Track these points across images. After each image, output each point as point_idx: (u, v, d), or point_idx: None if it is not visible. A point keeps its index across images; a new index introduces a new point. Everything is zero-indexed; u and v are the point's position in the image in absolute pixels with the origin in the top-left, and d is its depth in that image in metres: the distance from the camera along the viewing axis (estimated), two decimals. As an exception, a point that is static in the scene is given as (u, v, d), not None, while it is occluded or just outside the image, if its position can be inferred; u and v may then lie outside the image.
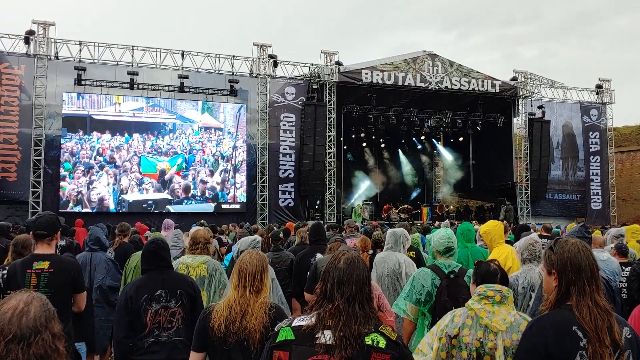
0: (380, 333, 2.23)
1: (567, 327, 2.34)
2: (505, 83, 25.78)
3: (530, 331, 2.44)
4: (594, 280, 2.42)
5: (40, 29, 20.04)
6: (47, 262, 4.23)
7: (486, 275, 3.08)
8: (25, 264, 4.22)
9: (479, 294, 3.02)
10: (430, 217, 27.33)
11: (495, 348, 2.85)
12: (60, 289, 4.24)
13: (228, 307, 3.02)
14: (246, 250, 3.33)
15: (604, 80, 28.75)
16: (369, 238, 7.60)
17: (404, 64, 23.92)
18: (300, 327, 2.27)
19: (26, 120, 19.53)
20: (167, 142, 21.57)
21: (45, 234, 4.33)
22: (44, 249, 4.33)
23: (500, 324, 2.88)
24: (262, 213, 22.16)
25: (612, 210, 28.10)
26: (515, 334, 2.85)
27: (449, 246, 4.31)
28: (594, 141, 28.37)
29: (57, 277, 4.23)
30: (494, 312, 2.92)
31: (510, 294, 3.02)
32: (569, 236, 4.32)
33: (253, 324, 2.96)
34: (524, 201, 26.48)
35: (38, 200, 19.30)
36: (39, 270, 4.18)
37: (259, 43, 22.81)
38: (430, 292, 4.06)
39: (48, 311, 1.71)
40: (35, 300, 1.70)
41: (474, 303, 3.00)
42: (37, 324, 1.65)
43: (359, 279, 2.31)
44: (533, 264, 4.41)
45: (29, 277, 4.15)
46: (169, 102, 21.52)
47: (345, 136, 27.70)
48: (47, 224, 4.37)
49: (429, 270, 4.19)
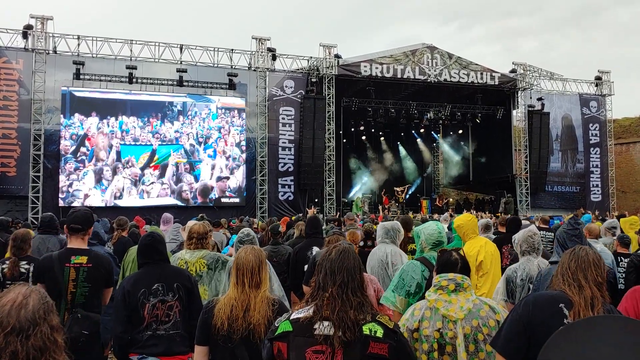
0: (378, 322, 2.28)
1: (553, 304, 2.44)
2: (504, 75, 25.75)
3: (518, 306, 2.56)
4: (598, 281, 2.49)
5: (39, 23, 19.99)
6: (85, 257, 4.31)
7: (445, 264, 3.09)
8: (63, 258, 4.28)
9: (434, 284, 3.05)
10: (430, 210, 27.38)
11: (456, 337, 2.87)
12: (97, 283, 4.35)
13: (229, 305, 3.04)
14: (242, 247, 3.34)
15: (604, 72, 28.72)
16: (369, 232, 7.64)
17: (403, 57, 23.88)
18: (298, 319, 2.33)
19: (25, 115, 19.52)
20: (176, 129, 21.46)
21: (80, 228, 4.39)
22: (78, 243, 4.39)
23: (458, 312, 2.89)
24: (262, 207, 22.18)
25: (612, 202, 28.12)
26: (476, 320, 2.88)
27: (438, 240, 4.32)
28: (593, 133, 28.37)
29: (94, 272, 4.32)
30: (451, 300, 2.94)
31: (466, 281, 3.02)
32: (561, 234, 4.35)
33: (257, 318, 2.99)
34: (523, 193, 26.50)
35: (38, 195, 19.32)
36: (77, 264, 4.26)
37: (258, 36, 22.77)
38: (420, 284, 4.09)
39: (47, 304, 1.73)
40: (34, 293, 1.72)
41: (430, 294, 3.03)
42: (36, 316, 1.66)
43: (349, 267, 2.38)
44: (532, 256, 4.43)
45: (67, 270, 4.22)
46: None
47: (345, 129, 27.72)
48: (82, 218, 4.44)
49: (419, 263, 4.21)
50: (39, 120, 19.58)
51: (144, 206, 20.41)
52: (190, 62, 21.87)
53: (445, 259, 3.12)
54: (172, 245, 6.82)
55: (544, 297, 2.50)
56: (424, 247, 4.42)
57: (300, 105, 22.90)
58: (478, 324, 2.87)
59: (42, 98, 19.65)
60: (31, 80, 19.58)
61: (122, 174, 20.47)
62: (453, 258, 3.10)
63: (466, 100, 27.15)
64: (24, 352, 1.61)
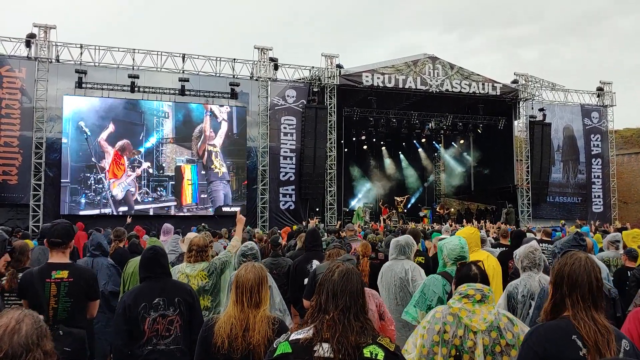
0: (379, 344, 2.23)
1: (566, 336, 2.36)
2: (506, 86, 25.78)
3: (530, 339, 2.47)
4: (591, 297, 2.42)
5: (42, 32, 20.07)
6: (66, 272, 4.22)
7: (465, 279, 3.09)
8: (43, 273, 4.19)
9: (460, 292, 3.03)
10: (431, 220, 27.33)
11: (475, 347, 2.85)
12: (79, 297, 4.26)
13: (229, 323, 3.01)
14: (244, 264, 3.31)
15: (605, 83, 28.76)
16: (373, 243, 7.61)
17: (404, 67, 23.92)
18: (297, 340, 2.28)
19: (27, 123, 19.54)
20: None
21: (60, 242, 4.32)
22: (59, 257, 4.32)
23: (480, 324, 2.89)
24: (263, 216, 22.15)
25: (614, 213, 28.07)
26: (494, 332, 2.87)
27: (460, 255, 4.32)
28: (595, 144, 28.36)
29: (76, 286, 4.23)
30: (474, 311, 2.93)
31: (491, 294, 3.02)
32: (563, 245, 4.32)
33: (257, 338, 2.96)
34: (524, 204, 26.46)
35: (39, 204, 19.31)
36: (58, 279, 4.18)
37: (260, 46, 22.83)
38: (441, 298, 4.09)
39: (40, 329, 1.70)
40: (27, 317, 1.69)
41: (454, 302, 3.01)
42: (29, 341, 1.64)
43: (352, 290, 2.33)
44: (533, 272, 4.40)
45: (48, 286, 4.14)
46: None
47: (346, 139, 27.73)
48: (62, 231, 4.36)
49: (440, 277, 4.22)
50: (40, 128, 19.60)
51: (144, 215, 20.40)
52: (193, 72, 21.91)
53: (464, 272, 3.12)
54: (172, 257, 6.79)
55: (554, 329, 2.43)
56: (446, 261, 4.42)
57: (302, 114, 22.92)
58: (497, 336, 2.86)
59: (44, 106, 19.67)
60: (33, 89, 19.62)
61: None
62: (472, 273, 3.10)
63: (468, 110, 27.15)
64: None
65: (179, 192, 21.08)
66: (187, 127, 21.45)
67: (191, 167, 21.33)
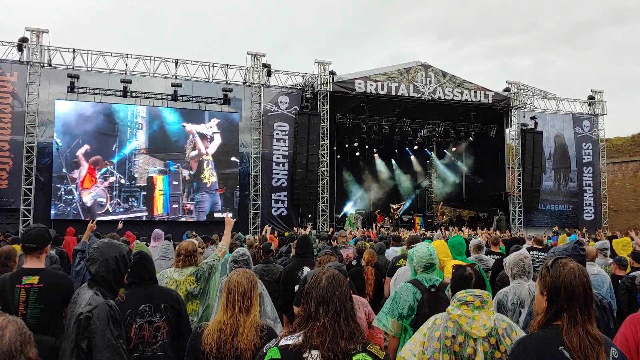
0: (368, 352, 2.23)
1: (553, 348, 2.34)
2: (498, 94, 25.92)
3: (516, 350, 2.44)
4: (587, 308, 2.41)
5: (34, 36, 20.02)
6: (37, 277, 4.10)
7: (461, 280, 3.09)
8: (14, 279, 4.10)
9: (459, 299, 3.01)
10: (423, 226, 27.34)
11: (475, 354, 2.85)
12: (49, 303, 4.12)
13: (218, 329, 3.00)
14: (235, 270, 3.30)
15: (596, 92, 28.99)
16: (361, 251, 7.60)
17: (397, 74, 24.01)
18: (287, 346, 2.27)
19: (18, 127, 19.46)
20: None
21: (34, 247, 4.21)
22: (33, 262, 4.21)
23: (480, 330, 2.88)
24: (255, 222, 22.11)
25: (605, 221, 28.24)
26: (494, 338, 2.87)
27: (429, 262, 4.31)
28: (586, 152, 28.54)
29: (47, 292, 4.10)
30: (474, 317, 2.92)
31: (490, 298, 3.02)
32: (563, 253, 4.32)
33: (244, 343, 2.94)
34: (516, 211, 26.56)
35: (29, 208, 19.20)
36: (28, 285, 4.06)
37: (253, 52, 22.86)
38: (412, 306, 4.07)
39: (23, 335, 1.68)
40: (10, 324, 1.67)
41: (453, 309, 3.00)
42: (12, 348, 1.62)
43: (341, 295, 2.33)
44: (522, 280, 4.41)
45: (17, 292, 4.04)
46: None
47: (339, 146, 27.75)
48: (36, 236, 4.25)
49: (411, 285, 4.20)
50: (32, 133, 19.52)
51: (134, 220, 20.31)
52: (185, 77, 21.91)
53: (459, 274, 3.12)
54: (163, 263, 6.75)
55: (542, 340, 2.40)
56: (416, 269, 4.41)
57: (295, 121, 22.94)
58: (496, 342, 2.86)
59: (36, 111, 19.60)
60: (25, 93, 19.56)
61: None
62: (467, 273, 3.10)
63: (460, 118, 27.27)
64: None
65: (150, 202, 20.81)
66: (161, 139, 21.23)
67: (163, 178, 21.15)
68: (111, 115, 20.65)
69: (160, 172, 21.10)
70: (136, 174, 20.73)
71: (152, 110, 21.15)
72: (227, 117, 22.28)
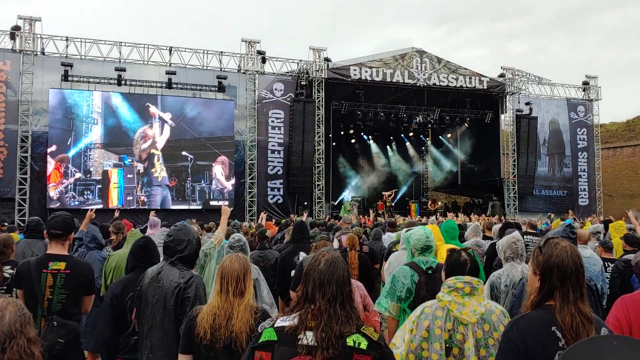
0: (362, 334, 2.25)
1: (546, 328, 2.36)
2: (493, 80, 25.91)
3: (510, 331, 2.45)
4: (578, 287, 2.42)
5: (26, 24, 19.86)
6: (64, 263, 4.19)
7: (455, 265, 3.10)
8: (40, 264, 4.16)
9: (449, 285, 3.03)
10: (418, 213, 27.41)
11: (464, 340, 2.87)
12: (75, 290, 4.22)
13: (212, 314, 3.02)
14: (227, 254, 3.33)
15: (591, 77, 28.99)
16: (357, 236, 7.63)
17: (392, 61, 23.96)
18: (282, 327, 2.29)
19: (12, 116, 19.38)
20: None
21: (60, 234, 4.29)
22: (58, 249, 4.29)
23: (470, 316, 2.89)
24: (251, 210, 22.14)
25: (599, 206, 28.37)
26: (487, 325, 2.88)
27: (426, 244, 4.34)
28: (581, 137, 28.61)
29: (73, 279, 4.20)
30: (464, 303, 2.94)
31: (481, 285, 3.03)
32: (555, 235, 4.36)
33: (239, 326, 2.97)
34: (511, 197, 26.67)
35: (25, 197, 19.18)
36: (55, 270, 4.14)
37: (247, 39, 22.75)
38: (409, 289, 4.11)
39: (23, 316, 1.70)
40: (10, 305, 1.69)
41: (444, 295, 3.01)
42: (12, 329, 1.64)
43: (339, 279, 2.33)
44: (515, 262, 4.45)
45: (44, 277, 4.11)
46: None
47: (334, 133, 27.74)
48: (62, 223, 4.33)
49: (408, 268, 4.23)
50: (26, 122, 19.44)
51: (133, 209, 20.33)
52: (180, 65, 21.81)
53: (454, 259, 3.13)
54: (160, 250, 6.77)
55: (535, 321, 2.40)
56: (413, 252, 4.44)
57: (290, 108, 22.90)
58: (489, 329, 2.87)
59: (30, 100, 19.51)
60: (19, 82, 19.44)
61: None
62: (462, 259, 3.11)
63: (455, 104, 27.26)
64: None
65: (105, 195, 20.58)
66: (117, 133, 20.95)
67: (118, 171, 20.91)
68: (68, 110, 20.23)
69: (115, 165, 20.87)
70: (91, 168, 20.53)
71: (107, 104, 20.70)
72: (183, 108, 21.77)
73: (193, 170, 21.88)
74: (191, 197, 21.85)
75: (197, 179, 21.93)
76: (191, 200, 21.67)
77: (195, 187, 21.92)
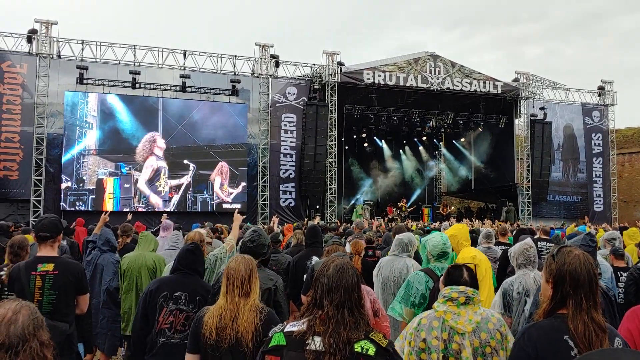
0: (370, 340, 2.24)
1: (558, 336, 2.34)
2: (507, 84, 25.77)
3: (522, 339, 2.43)
4: (592, 295, 2.40)
5: (43, 27, 20.10)
6: (52, 264, 4.22)
7: (455, 281, 3.08)
8: (29, 267, 4.21)
9: (444, 295, 3.02)
10: (431, 218, 27.30)
11: (460, 350, 2.85)
12: (65, 290, 4.25)
13: (218, 315, 3.05)
14: (233, 256, 3.36)
15: (606, 82, 28.75)
16: (370, 240, 7.60)
17: (405, 65, 23.92)
18: (291, 332, 2.31)
19: (28, 118, 19.59)
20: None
21: (48, 236, 4.33)
22: (47, 251, 4.33)
23: (466, 325, 2.88)
24: (263, 213, 22.18)
25: (614, 212, 28.08)
26: (484, 333, 2.86)
27: (443, 251, 4.32)
28: (596, 143, 28.36)
29: (61, 279, 4.23)
30: (459, 313, 2.92)
31: (476, 295, 3.01)
32: (573, 244, 4.32)
33: (244, 326, 2.99)
34: (525, 202, 26.48)
35: (39, 199, 19.36)
36: (43, 272, 4.18)
37: (261, 43, 22.84)
38: (424, 295, 4.09)
39: (36, 320, 1.72)
40: (23, 308, 1.72)
41: (439, 305, 3.00)
42: (25, 332, 1.66)
43: (347, 285, 2.34)
44: (528, 269, 4.41)
45: (33, 279, 4.15)
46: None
47: (347, 136, 27.73)
48: (49, 225, 4.38)
49: (423, 274, 4.22)
50: (41, 124, 19.64)
51: (146, 211, 20.45)
52: (194, 68, 21.94)
53: (456, 277, 3.09)
54: (172, 252, 6.80)
55: (547, 329, 2.39)
56: (429, 258, 4.42)
57: (303, 112, 22.94)
58: (486, 337, 2.85)
59: (46, 102, 19.71)
60: (35, 85, 19.66)
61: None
62: (463, 279, 3.07)
63: (469, 108, 27.17)
64: None
65: (99, 205, 19.70)
66: (113, 139, 20.44)
67: (114, 180, 20.31)
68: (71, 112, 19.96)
69: (111, 174, 20.28)
70: (84, 177, 19.91)
71: (104, 107, 20.32)
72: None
73: (195, 179, 21.42)
74: (192, 208, 21.33)
75: (199, 189, 21.49)
76: (192, 212, 21.12)
77: (197, 198, 21.48)
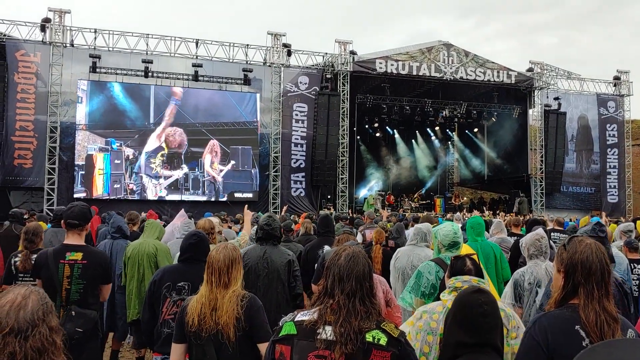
0: (382, 330, 2.23)
1: (569, 326, 2.33)
2: (521, 74, 25.53)
3: (532, 328, 2.42)
4: (604, 284, 2.38)
5: (56, 16, 20.17)
6: (81, 254, 4.22)
7: (459, 274, 3.07)
8: (58, 254, 4.20)
9: (449, 286, 3.03)
10: (443, 208, 27.24)
11: None
12: (92, 280, 4.26)
13: (200, 302, 3.02)
14: (217, 244, 3.32)
15: (622, 72, 28.37)
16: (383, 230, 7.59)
17: (418, 54, 23.76)
18: (302, 321, 2.29)
19: (42, 107, 19.70)
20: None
21: (77, 224, 4.32)
22: (75, 239, 4.32)
23: None
24: (275, 202, 22.23)
25: (629, 204, 27.80)
26: None
27: (454, 241, 4.30)
28: (611, 133, 28.05)
29: (90, 269, 4.23)
30: None
31: (481, 284, 2.97)
32: (584, 234, 4.28)
33: (224, 319, 2.96)
34: (538, 193, 26.30)
35: (53, 187, 19.51)
36: (72, 261, 4.18)
37: (273, 32, 22.76)
38: (434, 285, 4.08)
39: (46, 305, 1.73)
40: (33, 294, 1.72)
41: (444, 295, 3.01)
42: (35, 317, 1.66)
43: (359, 274, 2.32)
44: (539, 260, 4.38)
45: (62, 267, 4.15)
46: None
47: (359, 126, 27.65)
48: (79, 213, 4.36)
49: (433, 263, 4.20)
50: (55, 112, 19.76)
51: (159, 200, 20.56)
52: (206, 57, 21.93)
53: (459, 267, 3.08)
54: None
55: (558, 319, 2.38)
56: (440, 247, 4.40)
57: (315, 101, 22.87)
58: None
59: (59, 91, 19.82)
60: (48, 73, 19.75)
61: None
62: (467, 268, 3.06)
63: (482, 98, 26.97)
64: (22, 353, 1.61)
65: (89, 182, 19.80)
66: (104, 114, 20.28)
67: (104, 156, 20.12)
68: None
69: (101, 149, 20.09)
70: (74, 152, 19.85)
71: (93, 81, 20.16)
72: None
73: (187, 157, 21.28)
74: (184, 186, 21.13)
75: (191, 166, 21.28)
76: (184, 189, 21.04)
77: (188, 175, 21.22)
